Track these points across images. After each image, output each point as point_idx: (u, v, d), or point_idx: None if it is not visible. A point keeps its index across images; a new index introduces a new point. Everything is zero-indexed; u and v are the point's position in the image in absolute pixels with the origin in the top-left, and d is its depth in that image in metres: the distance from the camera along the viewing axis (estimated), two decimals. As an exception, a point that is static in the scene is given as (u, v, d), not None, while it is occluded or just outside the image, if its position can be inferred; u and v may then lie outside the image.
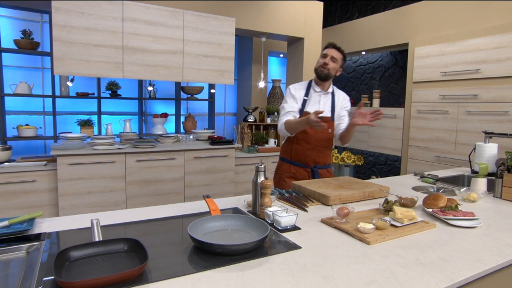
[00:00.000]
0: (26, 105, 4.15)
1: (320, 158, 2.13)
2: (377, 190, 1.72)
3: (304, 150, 2.12)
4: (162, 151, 3.30)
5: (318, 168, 2.13)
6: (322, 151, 2.12)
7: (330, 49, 2.06)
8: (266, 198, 1.39)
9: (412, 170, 4.01)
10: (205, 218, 1.23)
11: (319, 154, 2.12)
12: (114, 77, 3.10)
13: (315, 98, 2.13)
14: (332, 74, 2.07)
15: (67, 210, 2.95)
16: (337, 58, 2.05)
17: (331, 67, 2.05)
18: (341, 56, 2.07)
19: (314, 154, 2.11)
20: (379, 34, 4.59)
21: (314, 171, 2.12)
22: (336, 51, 2.05)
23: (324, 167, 2.17)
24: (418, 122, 3.94)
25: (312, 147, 2.10)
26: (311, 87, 2.15)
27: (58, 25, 2.82)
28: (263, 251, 1.08)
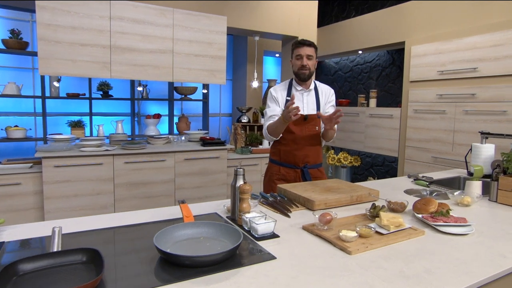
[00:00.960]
0: (17, 106, 4.09)
1: (310, 158, 2.06)
2: (365, 194, 1.64)
3: (292, 151, 2.04)
4: (152, 152, 3.22)
5: (308, 168, 2.06)
6: (311, 150, 2.05)
7: (302, 48, 1.99)
8: (245, 203, 1.31)
9: (409, 172, 3.92)
10: (176, 225, 1.15)
11: (308, 154, 2.05)
12: (102, 77, 3.03)
13: (298, 97, 2.06)
14: (313, 72, 2.02)
15: (53, 213, 2.88)
16: (311, 54, 1.99)
17: (310, 65, 1.99)
18: (313, 49, 2.01)
19: (302, 154, 2.04)
20: (375, 33, 4.50)
21: (305, 172, 2.05)
22: (307, 47, 1.98)
23: (315, 166, 2.09)
24: (415, 122, 3.85)
25: (300, 146, 2.03)
26: (293, 86, 2.09)
27: (43, 24, 2.75)
28: (235, 262, 1.00)
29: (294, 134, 2.01)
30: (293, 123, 2.03)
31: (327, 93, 2.12)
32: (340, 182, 1.85)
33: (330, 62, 6.04)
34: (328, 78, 6.08)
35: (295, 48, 2.00)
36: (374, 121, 4.43)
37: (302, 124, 2.03)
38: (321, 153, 2.13)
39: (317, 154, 2.09)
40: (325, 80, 6.18)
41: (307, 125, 2.03)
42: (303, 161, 2.05)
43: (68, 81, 4.01)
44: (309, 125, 2.03)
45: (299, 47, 1.98)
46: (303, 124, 2.03)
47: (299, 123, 2.02)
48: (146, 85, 4.36)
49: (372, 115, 4.46)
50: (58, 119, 4.28)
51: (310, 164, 2.06)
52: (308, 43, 1.98)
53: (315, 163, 2.09)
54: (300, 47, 1.98)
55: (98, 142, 3.21)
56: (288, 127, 2.04)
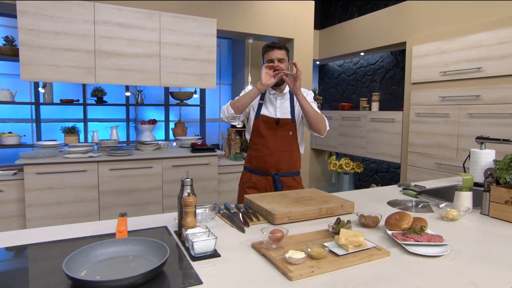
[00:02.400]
0: (15, 113, 4.10)
1: (282, 165, 1.90)
2: (337, 206, 1.48)
3: (263, 156, 1.90)
4: (138, 159, 3.14)
5: (280, 175, 1.90)
6: (284, 156, 1.90)
7: (273, 51, 1.85)
8: (189, 217, 1.18)
9: (412, 179, 3.70)
10: (103, 242, 1.02)
11: (280, 160, 1.90)
12: (86, 82, 2.98)
13: (271, 100, 1.94)
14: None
15: (35, 222, 2.82)
16: (282, 57, 1.85)
17: (283, 69, 1.84)
18: (285, 52, 1.88)
19: (274, 160, 1.89)
20: (376, 34, 4.32)
21: (275, 179, 1.89)
22: (278, 50, 1.85)
23: (289, 174, 1.93)
24: (417, 127, 3.63)
25: (271, 152, 1.88)
26: (267, 91, 1.95)
27: (25, 29, 2.72)
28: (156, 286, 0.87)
29: (265, 138, 1.87)
30: (265, 126, 1.89)
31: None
32: (314, 192, 1.69)
33: (333, 65, 5.87)
34: (332, 82, 5.90)
35: (266, 53, 1.87)
36: (376, 126, 4.23)
37: (274, 128, 1.89)
38: (298, 161, 1.97)
39: (292, 161, 1.93)
40: (328, 84, 6.00)
41: (280, 129, 1.89)
42: (275, 168, 1.90)
43: (63, 87, 3.99)
44: (282, 130, 1.89)
45: (269, 51, 1.85)
46: (276, 128, 1.89)
47: (271, 127, 1.89)
48: (141, 90, 4.30)
49: (374, 119, 4.26)
50: (55, 125, 4.28)
51: (283, 171, 1.91)
52: (278, 46, 1.85)
53: (289, 171, 1.93)
54: (270, 50, 1.85)
55: (85, 148, 3.15)
56: (259, 130, 1.91)
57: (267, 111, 1.91)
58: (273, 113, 1.90)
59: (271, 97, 1.94)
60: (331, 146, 5.10)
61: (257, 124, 1.91)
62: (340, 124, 4.88)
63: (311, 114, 1.79)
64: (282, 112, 1.91)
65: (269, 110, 1.91)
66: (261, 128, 1.89)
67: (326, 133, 1.88)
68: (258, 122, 1.91)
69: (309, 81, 4.13)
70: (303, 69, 4.07)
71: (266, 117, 1.90)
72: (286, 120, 1.89)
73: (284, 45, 1.88)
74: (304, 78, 4.09)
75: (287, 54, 1.89)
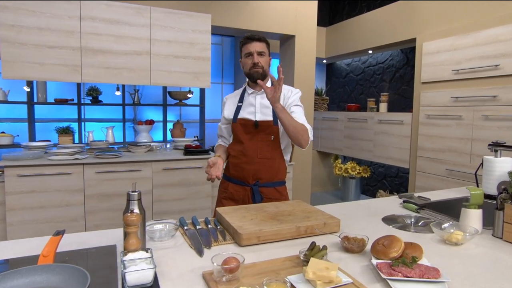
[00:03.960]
0: (11, 112, 4.02)
1: (263, 174, 1.69)
2: (320, 224, 1.26)
3: (241, 164, 1.70)
4: (127, 161, 2.98)
5: (260, 186, 1.70)
6: (265, 163, 1.68)
7: (251, 44, 1.64)
8: (131, 239, 0.99)
9: (421, 186, 3.43)
10: (16, 270, 0.85)
11: (261, 168, 1.68)
12: (72, 81, 2.85)
13: (250, 100, 1.73)
14: (266, 70, 1.68)
15: (16, 226, 2.70)
16: (262, 50, 1.65)
17: (263, 62, 1.64)
18: (265, 45, 1.67)
19: (253, 168, 1.68)
20: (384, 30, 4.05)
21: (254, 190, 1.69)
22: (257, 42, 1.64)
23: (270, 185, 1.71)
24: (427, 129, 3.36)
25: (249, 159, 1.66)
26: (245, 91, 1.77)
27: (6, 24, 2.60)
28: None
29: (243, 144, 1.67)
30: (243, 130, 1.70)
31: (286, 94, 1.73)
32: (298, 205, 1.48)
33: (341, 64, 5.61)
34: (340, 81, 5.65)
35: (243, 45, 1.66)
36: (384, 128, 3.97)
37: (253, 132, 1.68)
38: (282, 169, 1.75)
39: (274, 169, 1.71)
40: (336, 83, 5.74)
41: (260, 133, 1.67)
42: (254, 177, 1.69)
43: (58, 86, 3.88)
44: (261, 134, 1.67)
45: (247, 43, 1.64)
46: (254, 133, 1.67)
47: (250, 131, 1.68)
48: (137, 90, 4.17)
49: (381, 121, 4.00)
50: (51, 125, 4.18)
51: (263, 181, 1.70)
52: (257, 37, 1.64)
53: (271, 181, 1.71)
54: (248, 43, 1.64)
55: (72, 150, 3.02)
56: (237, 135, 1.72)
57: (246, 113, 1.71)
58: (252, 115, 1.70)
59: (250, 97, 1.73)
60: (337, 148, 4.85)
61: (235, 129, 1.72)
62: (346, 125, 4.63)
63: (290, 127, 1.55)
64: (262, 113, 1.70)
65: (248, 111, 1.71)
66: (239, 132, 1.70)
67: (308, 145, 1.65)
68: (236, 127, 1.71)
69: (311, 80, 3.91)
70: (305, 68, 3.86)
71: (244, 120, 1.70)
72: (267, 123, 1.67)
73: (264, 37, 1.68)
74: (306, 77, 3.87)
75: (268, 47, 1.69)
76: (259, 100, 1.71)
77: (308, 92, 3.91)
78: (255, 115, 1.69)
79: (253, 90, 1.73)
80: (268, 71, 1.70)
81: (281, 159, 1.73)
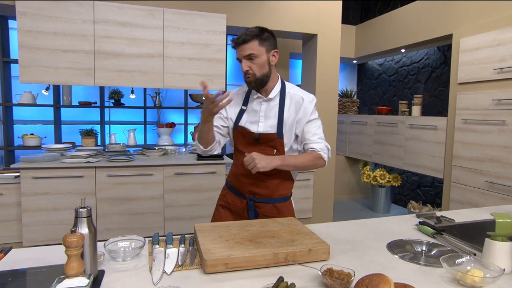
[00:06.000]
0: (42, 114, 4.19)
1: (261, 189, 1.51)
2: (303, 251, 1.07)
3: (239, 175, 1.53)
4: (138, 165, 2.95)
5: (256, 201, 1.52)
6: (264, 179, 1.49)
7: (238, 49, 1.41)
8: (71, 262, 0.87)
9: (457, 199, 3.06)
10: None
11: (258, 183, 1.50)
12: (85, 84, 2.86)
13: (255, 106, 1.51)
14: (262, 75, 1.43)
15: (31, 227, 2.75)
16: (251, 52, 1.38)
17: (254, 69, 1.40)
18: (256, 43, 1.38)
19: (250, 183, 1.50)
20: (417, 26, 3.70)
21: (249, 206, 1.52)
22: (244, 45, 1.38)
23: (268, 201, 1.53)
24: (464, 136, 2.99)
25: (247, 172, 1.44)
26: (251, 93, 1.54)
27: (24, 30, 2.67)
28: None
29: (243, 154, 1.49)
30: (243, 140, 1.51)
31: (299, 104, 1.48)
32: (288, 225, 1.30)
33: (373, 64, 5.27)
34: (371, 83, 5.30)
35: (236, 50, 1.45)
36: (415, 133, 3.62)
37: (253, 145, 1.48)
38: (285, 185, 1.54)
39: (274, 185, 1.51)
40: (367, 85, 5.39)
41: (261, 146, 1.47)
42: (251, 191, 1.51)
43: (81, 89, 3.98)
44: (263, 146, 1.47)
45: (235, 47, 1.43)
46: (255, 145, 1.48)
47: (250, 141, 1.49)
48: (159, 92, 4.17)
49: (413, 125, 3.65)
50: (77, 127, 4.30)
51: (260, 197, 1.51)
52: (242, 39, 1.38)
53: (269, 197, 1.52)
54: (236, 47, 1.42)
55: (87, 153, 3.04)
56: (236, 143, 1.55)
57: (248, 122, 1.50)
58: (255, 125, 1.49)
59: (255, 103, 1.52)
60: (366, 154, 4.53)
61: (235, 136, 1.54)
62: (376, 130, 4.30)
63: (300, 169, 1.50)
64: (266, 124, 1.48)
65: (250, 119, 1.50)
66: (239, 142, 1.52)
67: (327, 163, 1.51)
68: (236, 134, 1.53)
69: (334, 82, 3.66)
70: (328, 69, 3.62)
71: (244, 129, 1.50)
72: (269, 136, 1.46)
73: (253, 34, 1.38)
74: (329, 79, 3.64)
75: (262, 43, 1.39)
76: (264, 108, 1.49)
77: (331, 95, 3.67)
78: (257, 125, 1.49)
79: (258, 94, 1.51)
80: (270, 71, 1.45)
81: (284, 174, 1.52)
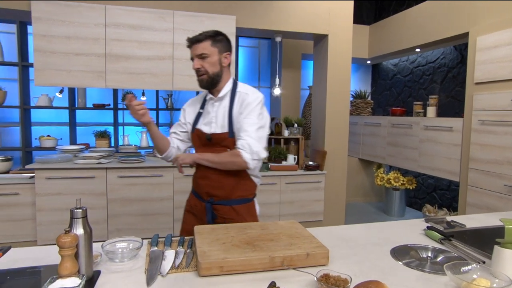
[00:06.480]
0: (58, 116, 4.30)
1: (218, 191, 1.49)
2: (301, 255, 1.05)
3: (197, 178, 1.55)
4: (149, 167, 2.98)
5: (214, 203, 1.51)
6: (220, 180, 1.48)
7: (192, 48, 1.44)
8: (65, 262, 0.88)
9: (474, 203, 2.95)
10: None
11: (214, 185, 1.49)
12: (97, 86, 2.92)
13: (209, 108, 1.53)
14: (213, 74, 1.44)
15: (45, 226, 2.82)
16: (205, 52, 1.41)
17: (206, 67, 1.42)
18: (208, 43, 1.41)
19: (206, 184, 1.50)
20: (432, 25, 3.60)
21: (206, 208, 1.50)
22: (197, 44, 1.42)
23: (225, 203, 1.50)
24: (481, 137, 2.88)
25: (203, 173, 1.49)
26: (207, 95, 1.57)
27: (39, 35, 2.74)
28: None
29: None
30: (199, 142, 1.53)
31: (243, 100, 1.46)
32: (290, 228, 1.27)
33: (387, 65, 5.16)
34: (386, 83, 5.20)
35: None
36: (430, 135, 3.51)
37: (207, 146, 1.50)
38: (242, 185, 1.51)
39: (230, 186, 1.49)
40: (382, 86, 5.29)
41: (215, 146, 1.47)
42: (208, 193, 1.51)
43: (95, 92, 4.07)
44: (216, 147, 1.47)
45: (189, 47, 1.45)
46: (208, 146, 1.49)
47: (204, 143, 1.51)
48: (171, 94, 4.21)
49: (428, 127, 3.55)
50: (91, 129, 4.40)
51: (218, 198, 1.50)
52: (196, 38, 1.42)
53: (226, 199, 1.50)
54: (189, 46, 1.45)
55: (99, 154, 3.10)
56: (194, 146, 1.57)
57: (203, 124, 1.53)
58: (208, 126, 1.51)
59: (209, 104, 1.54)
60: (379, 157, 4.43)
61: (193, 139, 1.56)
62: (390, 132, 4.21)
63: (219, 167, 1.46)
64: (218, 124, 1.49)
65: (205, 121, 1.52)
66: (196, 144, 1.54)
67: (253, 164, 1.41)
68: (194, 137, 1.55)
69: (346, 83, 3.60)
70: (340, 69, 3.56)
71: (199, 131, 1.52)
72: (221, 136, 1.47)
73: (207, 35, 1.43)
74: (340, 79, 3.58)
75: (215, 44, 1.43)
76: (216, 109, 1.50)
77: (343, 95, 3.61)
78: (210, 126, 1.50)
79: (210, 95, 1.53)
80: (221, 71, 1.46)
81: (240, 174, 1.49)
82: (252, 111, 1.43)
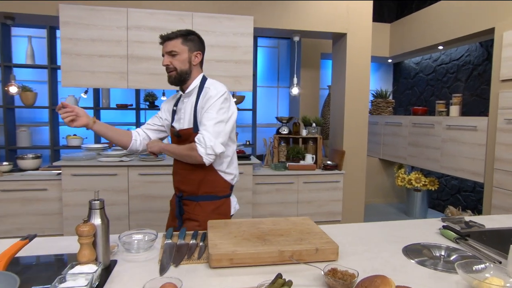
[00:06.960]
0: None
1: (186, 186, 1.53)
2: (310, 250, 1.06)
3: (173, 174, 1.62)
4: (167, 165, 3.06)
5: (182, 198, 1.55)
6: (188, 176, 1.51)
7: (163, 45, 1.48)
8: (84, 250, 0.93)
9: (499, 205, 2.84)
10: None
11: (182, 180, 1.54)
12: (119, 87, 3.03)
13: (180, 105, 1.56)
14: (182, 71, 1.47)
15: (71, 220, 2.96)
16: (175, 49, 1.44)
17: (175, 64, 1.45)
18: (179, 41, 1.44)
19: (176, 179, 1.58)
20: (456, 21, 3.49)
21: (176, 203, 1.57)
22: (168, 42, 1.45)
23: (192, 198, 1.53)
24: (507, 137, 2.77)
25: (175, 169, 1.59)
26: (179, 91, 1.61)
27: (66, 38, 2.88)
28: None
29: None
30: (173, 139, 1.58)
31: (205, 94, 1.46)
32: (300, 224, 1.28)
33: (409, 63, 5.04)
34: (408, 82, 5.08)
35: None
36: (453, 135, 3.41)
37: (178, 141, 1.54)
38: (210, 182, 1.52)
39: (196, 182, 1.50)
40: (404, 85, 5.17)
41: (184, 142, 1.49)
42: (178, 188, 1.58)
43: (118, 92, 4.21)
44: (185, 143, 1.48)
45: (161, 44, 1.49)
46: (179, 142, 1.53)
47: (175, 140, 1.56)
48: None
49: (450, 126, 3.44)
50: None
51: (186, 194, 1.54)
52: (167, 36, 1.46)
53: (194, 194, 1.52)
54: (161, 44, 1.49)
55: (122, 152, 3.21)
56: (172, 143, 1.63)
57: (176, 121, 1.57)
58: (177, 122, 1.55)
59: (180, 102, 1.57)
60: (400, 157, 4.34)
61: (171, 136, 1.62)
62: (411, 131, 4.11)
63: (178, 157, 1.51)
64: (185, 120, 1.51)
65: (177, 118, 1.56)
66: (172, 141, 1.59)
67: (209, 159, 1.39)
68: (170, 134, 1.62)
69: (365, 82, 3.55)
70: (359, 68, 3.52)
71: (172, 128, 1.57)
72: (187, 131, 1.48)
73: (179, 33, 1.46)
74: (360, 78, 3.54)
75: (186, 42, 1.46)
76: (185, 105, 1.53)
77: (362, 94, 3.56)
78: (179, 122, 1.54)
79: (181, 93, 1.56)
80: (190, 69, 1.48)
81: (207, 170, 1.49)
82: (213, 106, 1.41)
